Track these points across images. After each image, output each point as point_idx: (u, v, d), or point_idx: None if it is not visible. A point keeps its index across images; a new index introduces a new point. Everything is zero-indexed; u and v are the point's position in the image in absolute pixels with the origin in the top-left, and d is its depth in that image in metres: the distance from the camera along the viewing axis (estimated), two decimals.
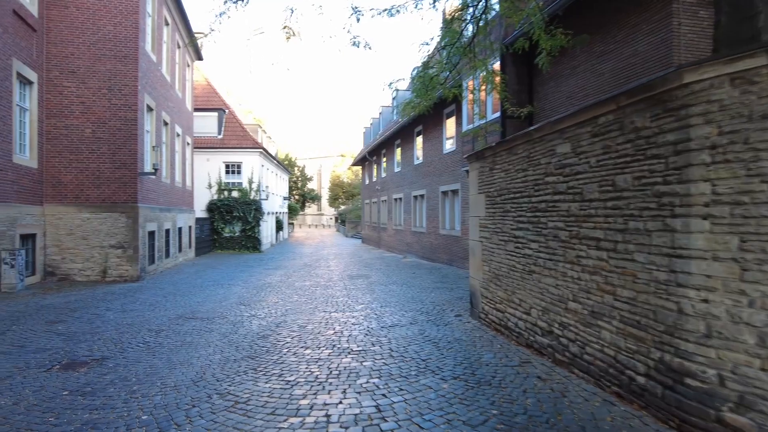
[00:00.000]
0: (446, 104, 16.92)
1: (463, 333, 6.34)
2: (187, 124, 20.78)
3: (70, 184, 12.95)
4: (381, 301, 9.14)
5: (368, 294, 10.20)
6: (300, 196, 55.04)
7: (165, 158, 17.09)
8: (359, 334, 6.44)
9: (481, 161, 6.60)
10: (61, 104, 12.92)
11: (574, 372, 4.49)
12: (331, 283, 12.27)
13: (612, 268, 3.91)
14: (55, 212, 12.79)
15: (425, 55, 8.32)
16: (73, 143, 12.98)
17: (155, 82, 15.39)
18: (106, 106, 13.17)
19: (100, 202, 13.10)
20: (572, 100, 10.48)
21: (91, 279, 12.90)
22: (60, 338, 6.47)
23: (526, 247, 5.36)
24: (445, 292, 10.25)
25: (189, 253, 20.52)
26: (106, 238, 13.07)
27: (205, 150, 25.63)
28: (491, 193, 6.27)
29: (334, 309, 8.42)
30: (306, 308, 8.58)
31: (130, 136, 13.29)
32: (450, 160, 16.76)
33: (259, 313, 8.28)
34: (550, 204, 4.87)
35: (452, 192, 16.84)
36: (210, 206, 25.43)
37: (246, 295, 10.38)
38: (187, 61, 21.15)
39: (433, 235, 18.61)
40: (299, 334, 6.53)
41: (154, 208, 15.10)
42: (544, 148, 4.96)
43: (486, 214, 6.42)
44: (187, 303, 9.44)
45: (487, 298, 6.49)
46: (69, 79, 12.98)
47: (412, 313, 7.80)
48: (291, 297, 10.06)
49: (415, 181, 20.82)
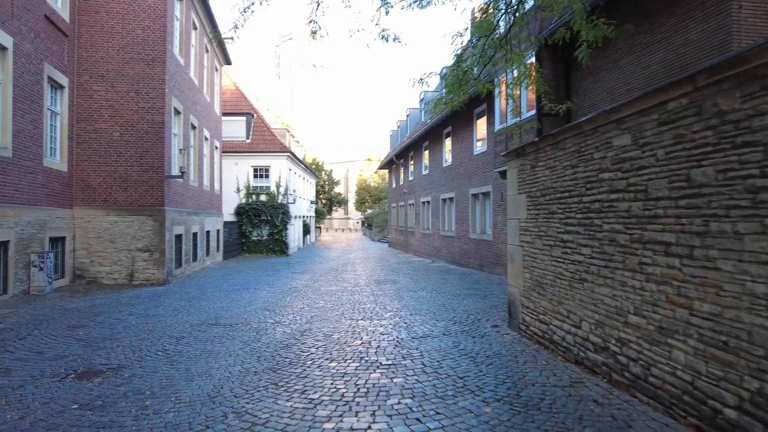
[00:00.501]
0: (477, 104, 16.35)
1: (503, 346, 5.79)
2: (215, 128, 20.84)
3: (98, 187, 12.99)
4: (410, 309, 8.65)
5: (396, 301, 9.73)
6: (327, 200, 55.12)
7: (193, 162, 17.11)
8: (388, 345, 5.98)
9: (521, 158, 6.06)
10: (90, 108, 13.01)
11: (636, 396, 3.90)
12: (358, 289, 11.86)
13: (687, 278, 3.32)
14: (84, 215, 12.85)
15: (458, 48, 7.82)
16: (101, 147, 13.04)
17: (183, 85, 15.40)
18: (133, 110, 13.19)
19: (128, 206, 13.10)
20: (614, 96, 9.78)
21: (119, 282, 12.89)
22: (79, 344, 6.25)
23: (576, 252, 4.79)
24: (478, 299, 9.69)
25: (217, 256, 20.52)
26: (133, 241, 13.05)
27: (233, 154, 25.75)
28: (533, 193, 5.72)
29: (361, 316, 7.99)
30: (332, 315, 8.18)
31: (157, 139, 13.26)
32: (481, 162, 16.16)
33: (284, 319, 7.92)
34: (605, 204, 4.31)
35: (483, 195, 16.21)
36: (238, 210, 25.51)
37: (271, 300, 10.07)
38: (216, 65, 21.25)
39: (462, 240, 18.00)
40: (324, 344, 6.11)
41: (182, 211, 15.06)
42: (598, 141, 4.40)
43: (527, 216, 5.87)
44: (211, 308, 9.19)
45: (529, 308, 5.93)
46: (98, 83, 13.06)
47: (445, 323, 7.28)
48: (317, 302, 9.69)
49: (444, 184, 20.26)
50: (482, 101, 15.88)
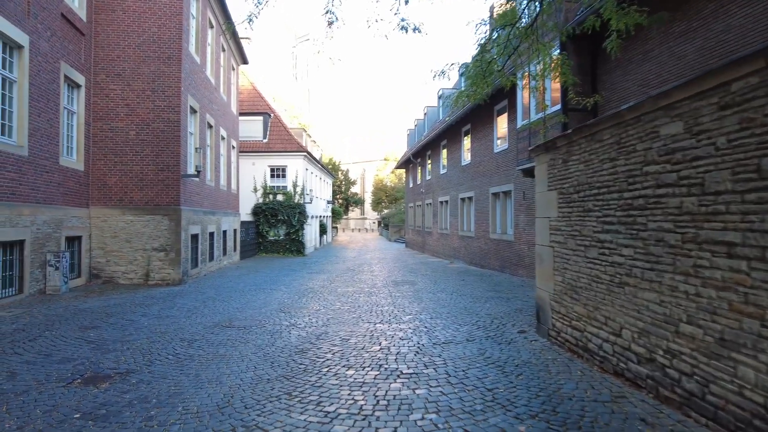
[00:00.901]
0: (497, 100, 15.88)
1: (532, 354, 5.38)
2: (232, 127, 20.76)
3: (114, 186, 12.93)
4: (430, 312, 8.28)
5: (415, 303, 9.37)
6: (343, 200, 54.99)
7: (209, 161, 17.01)
8: (409, 351, 5.62)
9: (551, 153, 5.64)
10: (107, 107, 12.95)
11: (691, 415, 3.47)
12: (375, 290, 11.53)
13: (757, 284, 2.90)
14: (100, 214, 12.80)
15: (482, 37, 7.41)
16: (117, 145, 12.97)
17: (199, 83, 15.29)
18: (149, 108, 13.10)
19: (143, 205, 13.00)
20: (645, 89, 9.25)
21: (134, 282, 12.80)
22: (89, 347, 6.05)
23: (616, 253, 4.37)
24: (500, 302, 9.26)
25: (234, 256, 20.43)
26: (149, 240, 12.95)
27: (250, 154, 25.71)
28: (565, 190, 5.30)
29: (379, 320, 7.64)
30: (349, 318, 7.86)
31: (173, 138, 13.15)
32: (502, 160, 15.67)
33: (299, 322, 7.63)
34: (651, 200, 3.88)
35: (504, 194, 15.73)
36: (255, 210, 25.46)
37: (287, 302, 9.81)
38: (233, 64, 21.17)
39: (482, 240, 17.53)
40: (341, 350, 5.79)
41: (198, 210, 14.94)
42: (642, 130, 3.98)
43: (558, 215, 5.45)
44: (226, 309, 8.96)
45: (560, 313, 5.51)
46: (115, 81, 12.99)
47: (467, 327, 6.89)
48: (333, 304, 9.38)
49: (463, 183, 19.80)
50: (503, 97, 15.41)
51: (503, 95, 15.19)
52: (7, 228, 9.09)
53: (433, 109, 27.38)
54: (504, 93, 14.98)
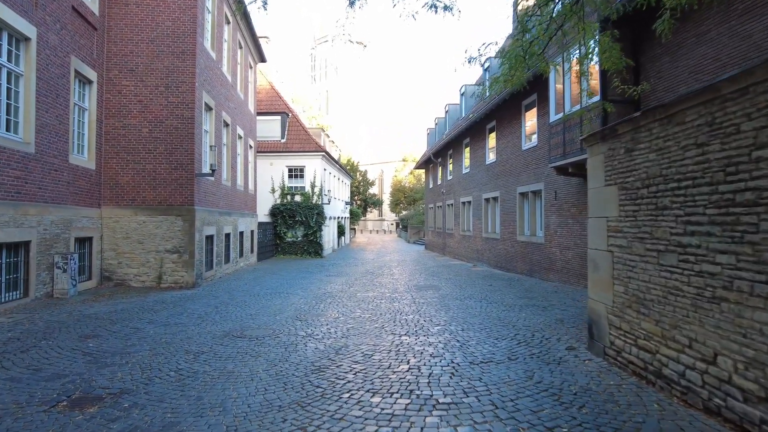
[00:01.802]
0: (525, 95, 14.98)
1: (589, 378, 4.55)
2: (249, 126, 20.28)
3: (126, 185, 12.47)
4: (460, 322, 7.48)
5: (442, 311, 8.57)
6: (362, 201, 54.37)
7: (225, 160, 16.52)
8: (442, 372, 4.84)
9: (609, 142, 4.81)
10: (119, 104, 12.51)
11: None
12: (397, 295, 10.78)
13: None
14: (112, 215, 12.35)
15: (523, 15, 6.59)
16: (130, 143, 12.51)
17: (214, 80, 14.79)
18: (163, 105, 12.61)
19: (156, 205, 12.51)
20: (699, 75, 8.30)
21: (147, 285, 12.31)
22: (84, 360, 5.44)
23: (706, 260, 3.53)
24: (536, 311, 8.39)
25: (251, 258, 19.92)
26: (162, 242, 12.45)
27: (268, 154, 25.25)
28: (630, 184, 4.46)
29: (404, 330, 6.88)
30: (371, 328, 7.12)
31: (187, 136, 12.63)
32: (531, 158, 14.76)
33: (317, 332, 6.93)
34: (766, 194, 3.05)
35: (533, 193, 14.80)
36: (273, 211, 24.98)
37: (304, 308, 9.13)
38: (250, 62, 20.71)
39: (508, 242, 16.61)
40: (364, 368, 5.04)
41: (213, 211, 14.42)
42: (753, 105, 3.15)
43: (620, 214, 4.62)
44: (239, 316, 8.32)
45: (621, 329, 4.67)
46: (128, 77, 12.54)
47: (507, 342, 6.07)
48: (353, 311, 8.67)
49: (487, 183, 18.91)
50: (531, 91, 14.51)
51: (532, 89, 14.29)
52: (11, 228, 8.63)
53: (454, 107, 26.51)
54: (533, 86, 14.09)
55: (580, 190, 11.84)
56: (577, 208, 11.98)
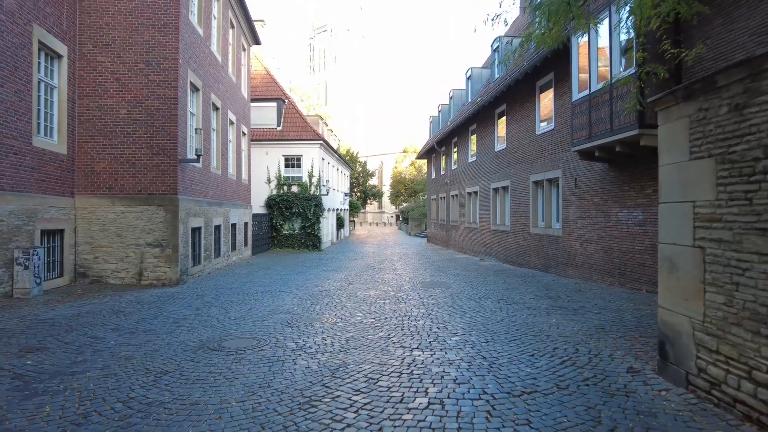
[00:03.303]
0: (540, 75, 13.76)
1: (682, 424, 3.37)
2: (242, 112, 19.04)
3: (103, 172, 11.28)
4: (482, 330, 6.33)
5: (457, 315, 7.43)
6: (361, 193, 53.14)
7: (215, 146, 15.31)
8: (475, 411, 3.65)
9: (702, 99, 3.60)
10: (94, 82, 11.28)
11: None
12: (402, 294, 9.64)
13: None
14: (87, 205, 11.17)
15: None
16: (107, 126, 11.31)
17: (202, 59, 13.54)
18: (143, 83, 11.39)
19: (136, 194, 11.34)
20: (762, 38, 7.05)
21: (126, 282, 11.17)
22: (10, 386, 4.29)
23: None
24: (567, 315, 7.24)
25: (244, 251, 18.77)
26: (143, 234, 11.29)
27: (263, 142, 24.02)
28: (739, 155, 3.28)
29: (415, 342, 5.74)
30: (374, 338, 5.98)
31: (169, 117, 11.43)
32: (546, 143, 13.56)
33: (309, 343, 5.78)
34: None
35: (548, 182, 13.62)
36: (269, 202, 23.80)
37: (297, 310, 8.00)
38: (243, 43, 19.41)
39: (520, 235, 15.46)
40: (368, 401, 3.89)
41: (201, 201, 13.25)
42: None
43: (719, 197, 3.45)
44: (221, 320, 7.19)
45: (721, 354, 3.50)
46: (103, 53, 11.30)
47: (546, 361, 4.90)
48: (353, 315, 7.53)
49: (496, 171, 17.71)
50: (548, 70, 13.28)
51: (548, 68, 13.07)
52: None
53: (459, 92, 25.22)
54: (549, 65, 12.87)
55: (605, 177, 10.67)
56: (601, 197, 10.81)
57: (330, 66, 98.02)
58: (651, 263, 9.09)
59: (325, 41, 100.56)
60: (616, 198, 10.23)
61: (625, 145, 8.87)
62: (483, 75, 21.80)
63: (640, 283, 9.44)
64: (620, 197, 10.09)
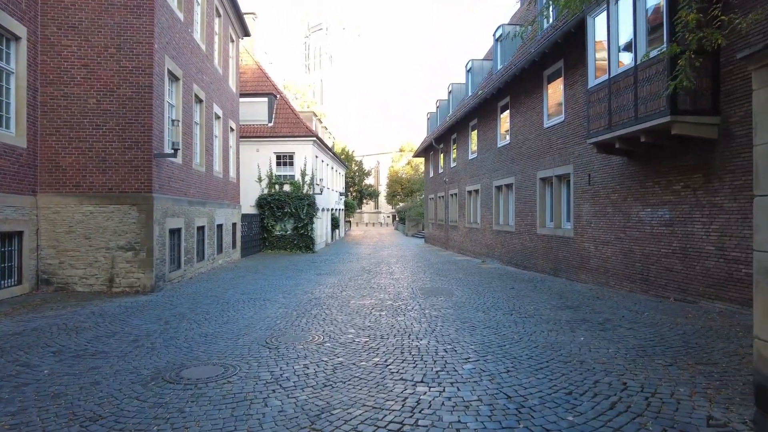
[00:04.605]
0: (547, 63, 12.75)
1: None
2: (230, 106, 17.95)
3: (69, 168, 10.19)
4: (498, 355, 5.26)
5: (466, 331, 6.38)
6: (357, 193, 52.08)
7: (199, 141, 14.22)
8: None
9: None
10: (59, 68, 10.18)
11: None
12: (401, 304, 8.60)
13: None
14: (51, 204, 10.07)
15: None
16: (73, 117, 10.21)
17: (182, 46, 12.45)
18: (114, 70, 10.30)
19: (107, 192, 10.26)
20: None
21: (95, 289, 10.09)
22: None
23: None
24: (595, 332, 6.21)
25: (232, 254, 17.68)
26: (114, 237, 10.20)
27: (254, 139, 22.93)
28: None
29: (418, 372, 4.67)
30: (368, 365, 4.92)
31: (143, 108, 10.35)
32: (555, 136, 12.55)
33: (288, 372, 4.72)
34: None
35: (558, 178, 12.60)
36: (260, 201, 22.71)
37: (279, 325, 6.94)
38: (231, 35, 18.33)
39: (525, 236, 14.44)
40: None
41: (181, 200, 12.16)
42: None
43: None
44: (190, 338, 6.13)
45: None
46: (69, 35, 10.20)
47: (589, 401, 3.82)
48: (344, 331, 6.48)
49: (499, 168, 16.69)
50: (556, 59, 12.28)
51: (557, 55, 12.06)
52: None
53: (458, 87, 24.18)
54: (558, 52, 11.86)
55: (624, 172, 9.66)
56: (619, 194, 9.80)
57: (325, 65, 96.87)
58: (680, 268, 8.08)
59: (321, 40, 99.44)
60: (638, 195, 9.22)
61: (652, 134, 7.86)
62: (484, 67, 20.78)
63: (666, 290, 8.43)
64: (642, 194, 9.08)
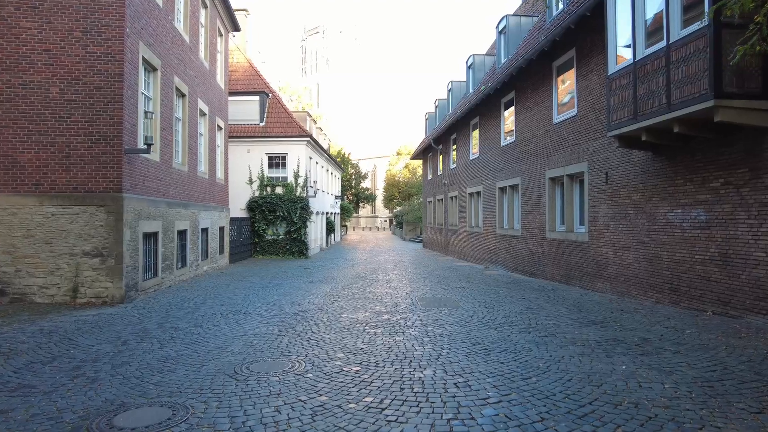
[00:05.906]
0: (557, 54, 11.77)
1: None
2: (218, 103, 16.90)
3: (28, 165, 9.10)
4: (524, 392, 4.17)
5: (479, 357, 5.30)
6: (353, 196, 51.00)
7: (181, 139, 13.15)
8: None
9: None
10: (17, 52, 9.10)
11: None
12: (399, 318, 7.53)
13: None
14: (6, 204, 8.98)
15: None
16: (33, 107, 9.13)
17: (161, 33, 11.40)
18: (79, 56, 9.24)
19: (71, 191, 9.17)
20: None
21: (57, 300, 8.99)
22: None
23: None
24: (635, 356, 5.14)
25: (219, 260, 16.57)
26: (78, 241, 9.11)
27: (245, 140, 21.89)
28: None
29: (424, 422, 3.55)
30: (357, 409, 3.84)
31: (113, 98, 9.28)
32: (567, 132, 11.54)
33: (254, 419, 3.65)
34: None
35: (570, 177, 11.58)
36: (250, 204, 21.63)
37: (257, 345, 5.87)
38: (219, 28, 17.30)
39: (533, 240, 13.40)
40: None
41: (158, 201, 11.07)
42: None
43: None
44: (145, 365, 5.05)
45: None
46: (28, 16, 9.14)
47: None
48: (332, 356, 5.40)
49: (503, 168, 15.67)
50: (567, 48, 11.30)
51: (568, 44, 11.09)
52: None
53: (458, 84, 23.21)
54: (569, 41, 10.88)
55: (648, 169, 8.64)
56: (642, 194, 8.77)
57: (322, 68, 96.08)
58: (719, 277, 7.04)
59: (317, 43, 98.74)
60: (665, 194, 8.19)
61: (688, 124, 6.84)
62: (486, 63, 19.80)
63: (702, 302, 7.39)
64: (671, 193, 8.06)
